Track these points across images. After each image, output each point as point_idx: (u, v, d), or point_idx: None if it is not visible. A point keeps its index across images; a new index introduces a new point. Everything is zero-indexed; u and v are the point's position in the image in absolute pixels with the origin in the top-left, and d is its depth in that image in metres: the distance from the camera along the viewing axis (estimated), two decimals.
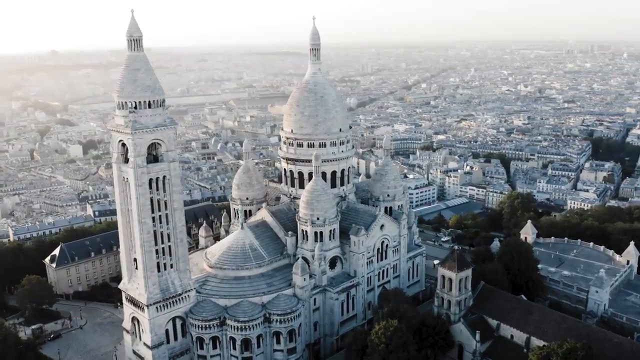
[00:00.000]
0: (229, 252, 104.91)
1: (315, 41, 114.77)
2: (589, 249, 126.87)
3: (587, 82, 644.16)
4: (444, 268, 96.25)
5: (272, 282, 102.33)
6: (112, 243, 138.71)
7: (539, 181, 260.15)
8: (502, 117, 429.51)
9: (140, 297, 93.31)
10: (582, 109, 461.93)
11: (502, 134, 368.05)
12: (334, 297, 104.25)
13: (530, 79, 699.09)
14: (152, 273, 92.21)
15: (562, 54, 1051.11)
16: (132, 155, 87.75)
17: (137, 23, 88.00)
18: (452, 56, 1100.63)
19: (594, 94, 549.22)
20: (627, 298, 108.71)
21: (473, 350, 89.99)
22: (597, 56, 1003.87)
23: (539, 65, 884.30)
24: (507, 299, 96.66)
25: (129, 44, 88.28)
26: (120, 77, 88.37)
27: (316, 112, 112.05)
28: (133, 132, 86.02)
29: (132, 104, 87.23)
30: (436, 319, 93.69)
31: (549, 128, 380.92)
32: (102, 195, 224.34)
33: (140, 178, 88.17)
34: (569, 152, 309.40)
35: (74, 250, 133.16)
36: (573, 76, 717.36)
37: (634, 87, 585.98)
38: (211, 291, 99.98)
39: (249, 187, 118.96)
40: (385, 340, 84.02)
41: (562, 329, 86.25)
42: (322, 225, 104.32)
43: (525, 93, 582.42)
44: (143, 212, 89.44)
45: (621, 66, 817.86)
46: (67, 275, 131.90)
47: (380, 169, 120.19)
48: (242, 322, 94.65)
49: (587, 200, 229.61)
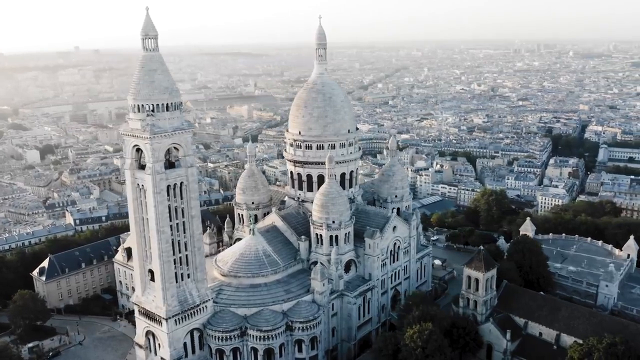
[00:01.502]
0: (242, 259, 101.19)
1: (322, 41, 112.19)
2: (587, 244, 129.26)
3: (537, 81, 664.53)
4: (470, 269, 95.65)
5: (289, 289, 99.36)
6: (103, 253, 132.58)
7: (507, 178, 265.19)
8: (460, 116, 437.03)
9: (157, 310, 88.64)
10: (536, 106, 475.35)
11: (463, 132, 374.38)
12: (352, 302, 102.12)
13: (482, 78, 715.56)
14: (170, 284, 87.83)
15: (510, 53, 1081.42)
16: (150, 161, 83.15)
17: (152, 21, 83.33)
18: (404, 56, 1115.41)
19: (545, 92, 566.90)
20: (632, 291, 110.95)
21: (503, 350, 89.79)
22: (543, 55, 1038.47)
23: (489, 65, 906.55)
24: (532, 296, 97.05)
25: (143, 44, 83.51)
26: (136, 78, 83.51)
27: (325, 113, 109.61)
28: (152, 136, 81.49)
29: (149, 106, 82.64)
30: (466, 320, 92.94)
31: (508, 126, 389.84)
32: (70, 202, 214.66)
33: (159, 185, 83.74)
34: (531, 149, 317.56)
35: (64, 261, 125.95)
36: (523, 75, 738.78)
37: (583, 84, 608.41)
38: (228, 300, 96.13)
39: (254, 192, 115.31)
40: (422, 344, 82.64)
41: (593, 324, 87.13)
42: (337, 229, 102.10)
43: (480, 92, 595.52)
44: (161, 221, 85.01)
45: (568, 64, 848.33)
46: (57, 288, 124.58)
47: (387, 170, 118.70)
48: (265, 331, 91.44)
49: (557, 196, 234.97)
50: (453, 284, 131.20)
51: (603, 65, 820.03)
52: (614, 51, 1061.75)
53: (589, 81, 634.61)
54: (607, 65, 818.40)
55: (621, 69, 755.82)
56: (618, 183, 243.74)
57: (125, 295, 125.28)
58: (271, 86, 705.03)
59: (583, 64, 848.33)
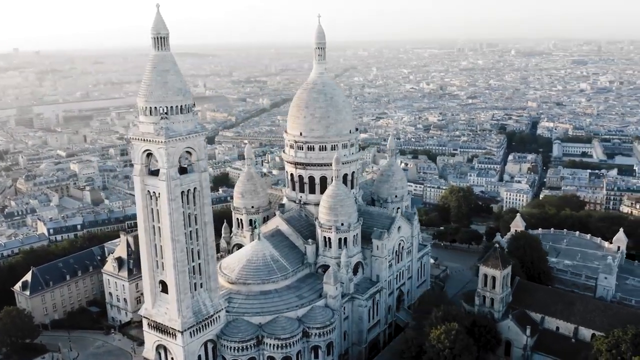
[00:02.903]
0: (250, 266, 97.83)
1: (321, 40, 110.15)
2: (577, 238, 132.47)
3: (483, 79, 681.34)
4: (486, 267, 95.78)
5: (301, 294, 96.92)
6: (87, 263, 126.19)
7: (469, 175, 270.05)
8: (415, 115, 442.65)
9: (171, 323, 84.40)
10: (485, 104, 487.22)
11: (420, 130, 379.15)
12: (363, 305, 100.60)
13: (430, 77, 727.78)
14: (185, 295, 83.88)
15: (454, 52, 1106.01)
16: (164, 166, 78.95)
17: (163, 19, 79.22)
18: (351, 56, 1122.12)
19: (492, 90, 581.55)
20: (626, 282, 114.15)
21: (523, 346, 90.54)
22: (486, 54, 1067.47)
23: (435, 64, 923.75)
24: (546, 292, 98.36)
25: (154, 43, 79.30)
26: (147, 79, 79.09)
27: (327, 114, 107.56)
28: (167, 140, 77.38)
29: (163, 109, 78.47)
30: (486, 318, 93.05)
31: (462, 123, 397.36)
32: (29, 210, 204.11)
33: (174, 191, 79.72)
34: (488, 145, 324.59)
35: (47, 274, 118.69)
36: (469, 73, 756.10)
37: (528, 82, 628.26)
38: (240, 309, 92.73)
39: (254, 195, 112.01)
40: (450, 344, 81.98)
41: (609, 316, 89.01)
42: (346, 231, 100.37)
43: (429, 90, 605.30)
44: (176, 229, 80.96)
45: (511, 63, 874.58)
46: (42, 302, 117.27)
47: (387, 170, 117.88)
48: (283, 339, 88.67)
49: (521, 191, 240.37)
50: (448, 282, 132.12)
51: (545, 63, 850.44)
52: (554, 49, 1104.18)
53: (533, 79, 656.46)
54: (548, 63, 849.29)
55: (562, 67, 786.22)
56: (578, 177, 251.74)
57: (115, 308, 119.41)
58: (221, 86, 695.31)
59: (525, 62, 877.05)
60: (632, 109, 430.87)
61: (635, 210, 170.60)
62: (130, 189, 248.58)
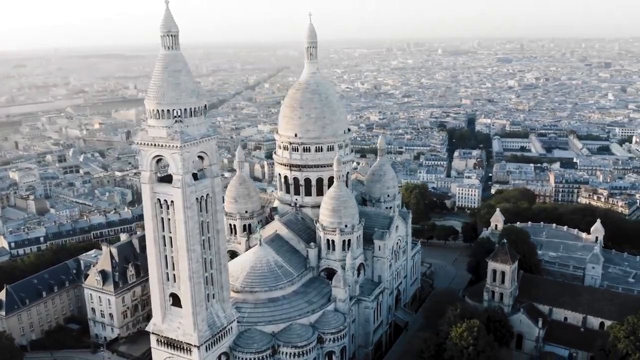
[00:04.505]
0: (255, 273, 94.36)
1: (313, 39, 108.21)
2: (554, 230, 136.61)
3: (415, 78, 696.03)
4: (495, 262, 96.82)
5: (310, 300, 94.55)
6: (63, 278, 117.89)
7: (419, 172, 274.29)
8: (355, 114, 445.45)
9: (186, 338, 79.82)
10: (421, 102, 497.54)
11: (363, 129, 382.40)
12: (369, 307, 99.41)
13: (363, 77, 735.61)
14: (201, 308, 79.58)
15: (384, 52, 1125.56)
16: (179, 172, 74.44)
17: (173, 16, 74.66)
18: (282, 56, 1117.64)
19: (425, 89, 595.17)
20: (609, 270, 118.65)
21: (535, 338, 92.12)
22: (414, 53, 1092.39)
23: (366, 63, 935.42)
24: (550, 284, 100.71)
25: (164, 41, 74.51)
26: (158, 80, 74.12)
27: (323, 114, 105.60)
28: (183, 144, 72.95)
29: (177, 111, 73.92)
30: (498, 313, 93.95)
31: (403, 122, 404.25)
32: None
33: (189, 198, 75.31)
34: (432, 143, 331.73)
35: (22, 291, 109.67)
36: (400, 72, 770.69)
37: (458, 80, 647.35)
38: (251, 318, 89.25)
39: (247, 200, 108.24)
40: (473, 341, 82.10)
41: (615, 304, 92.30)
42: (350, 233, 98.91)
43: (364, 90, 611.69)
44: (192, 238, 76.56)
45: (440, 62, 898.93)
46: (18, 322, 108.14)
47: (378, 170, 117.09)
48: (300, 347, 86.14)
49: (473, 186, 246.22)
50: (434, 279, 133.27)
51: (472, 62, 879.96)
52: (479, 48, 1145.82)
53: (463, 77, 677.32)
54: (475, 62, 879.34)
55: (489, 65, 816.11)
56: (524, 171, 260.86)
57: (99, 324, 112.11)
58: None
59: (453, 60, 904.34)
60: (560, 104, 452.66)
61: (593, 202, 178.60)
62: (76, 196, 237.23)
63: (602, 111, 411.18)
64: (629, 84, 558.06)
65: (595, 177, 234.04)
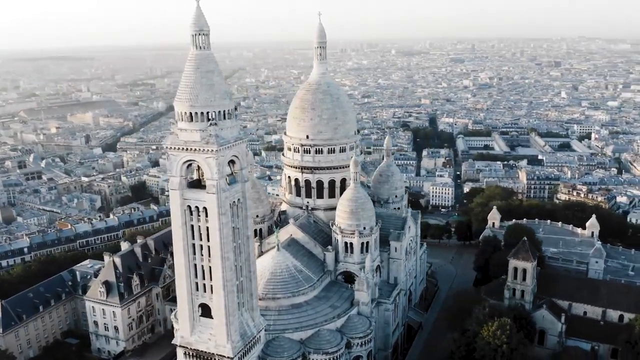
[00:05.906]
0: (275, 279, 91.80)
1: (322, 39, 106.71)
2: (550, 227, 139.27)
3: (372, 78, 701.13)
4: (517, 260, 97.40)
5: (334, 304, 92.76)
6: (60, 291, 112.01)
7: None
8: None
9: (219, 350, 76.62)
10: (381, 102, 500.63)
11: None
12: (389, 309, 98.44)
13: None
14: (234, 318, 76.62)
15: (338, 53, 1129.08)
16: (214, 177, 71.31)
17: (204, 15, 71.56)
18: (236, 57, 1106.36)
19: (383, 89, 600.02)
20: (609, 264, 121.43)
21: (558, 333, 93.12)
22: (368, 54, 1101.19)
23: None
24: (567, 279, 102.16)
25: (194, 40, 71.16)
26: (190, 81, 70.72)
27: (335, 115, 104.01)
28: (219, 148, 69.98)
29: (211, 114, 70.80)
30: (522, 310, 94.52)
31: (367, 121, 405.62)
32: None
33: (224, 204, 72.34)
34: (399, 142, 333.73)
35: (18, 306, 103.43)
36: (357, 73, 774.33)
37: (414, 80, 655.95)
38: (277, 326, 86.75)
39: (258, 204, 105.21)
40: (506, 339, 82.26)
41: (633, 297, 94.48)
42: (369, 235, 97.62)
43: None
44: (226, 245, 73.58)
45: (394, 62, 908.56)
46: (16, 339, 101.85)
47: (385, 170, 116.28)
48: (330, 353, 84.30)
49: (446, 185, 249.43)
50: (437, 278, 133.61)
51: (425, 62, 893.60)
52: (431, 48, 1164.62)
53: (419, 77, 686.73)
54: (428, 62, 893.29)
55: (442, 65, 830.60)
56: (494, 169, 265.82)
57: (103, 338, 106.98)
58: (107, 90, 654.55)
59: (407, 61, 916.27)
60: (515, 102, 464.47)
61: (572, 197, 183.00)
62: (43, 203, 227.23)
63: (558, 109, 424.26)
64: (580, 82, 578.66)
65: (563, 174, 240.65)
